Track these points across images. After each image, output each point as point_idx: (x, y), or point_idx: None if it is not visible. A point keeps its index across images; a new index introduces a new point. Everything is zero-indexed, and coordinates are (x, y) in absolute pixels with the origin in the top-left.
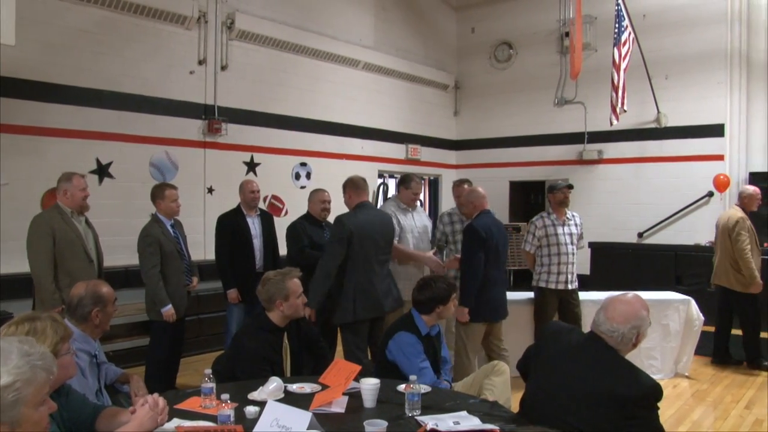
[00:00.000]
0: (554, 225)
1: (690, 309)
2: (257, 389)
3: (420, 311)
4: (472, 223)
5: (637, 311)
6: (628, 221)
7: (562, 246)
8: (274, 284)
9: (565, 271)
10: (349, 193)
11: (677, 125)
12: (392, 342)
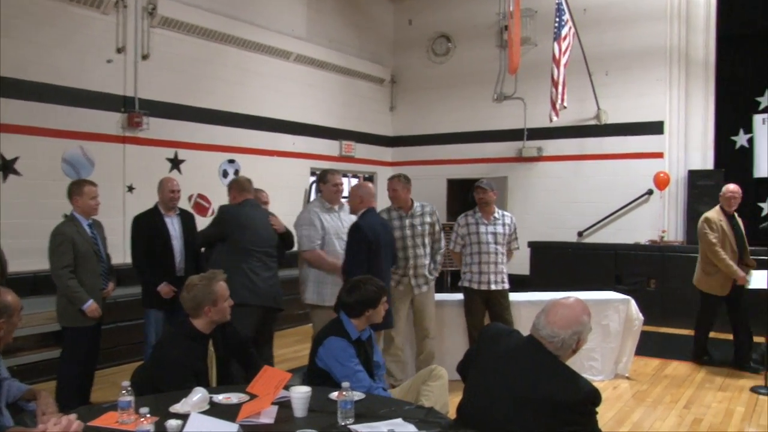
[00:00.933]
0: (477, 224)
1: (630, 309)
2: (180, 401)
3: (349, 315)
4: (359, 223)
5: (578, 316)
6: (568, 220)
7: (483, 245)
8: (201, 289)
9: (487, 271)
10: (233, 193)
11: (617, 122)
12: (322, 348)
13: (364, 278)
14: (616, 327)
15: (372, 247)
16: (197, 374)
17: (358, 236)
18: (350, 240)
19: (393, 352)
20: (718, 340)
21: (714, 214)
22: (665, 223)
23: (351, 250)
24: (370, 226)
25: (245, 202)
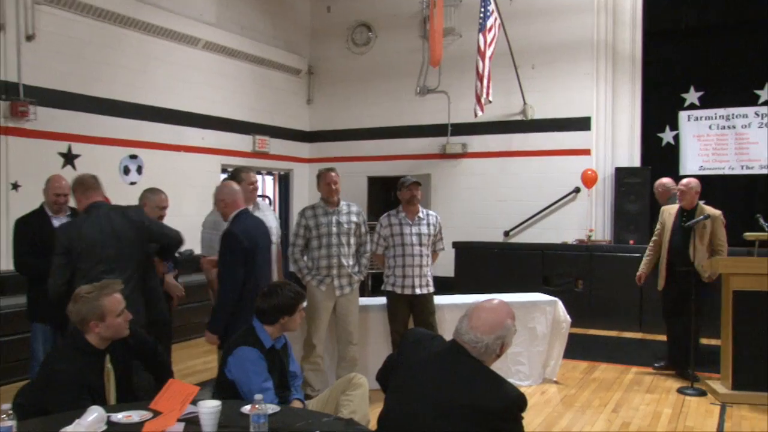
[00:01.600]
0: (401, 224)
1: (557, 310)
2: (73, 422)
3: (263, 321)
4: (231, 229)
5: (502, 320)
6: (494, 219)
7: (408, 247)
8: (87, 302)
9: (411, 274)
10: (77, 196)
11: (544, 118)
12: (232, 358)
13: (282, 283)
14: (544, 330)
15: (249, 255)
16: (92, 391)
17: (232, 244)
18: (222, 249)
19: (313, 360)
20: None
21: (669, 207)
22: (593, 222)
23: (224, 261)
24: (244, 230)
25: (91, 207)
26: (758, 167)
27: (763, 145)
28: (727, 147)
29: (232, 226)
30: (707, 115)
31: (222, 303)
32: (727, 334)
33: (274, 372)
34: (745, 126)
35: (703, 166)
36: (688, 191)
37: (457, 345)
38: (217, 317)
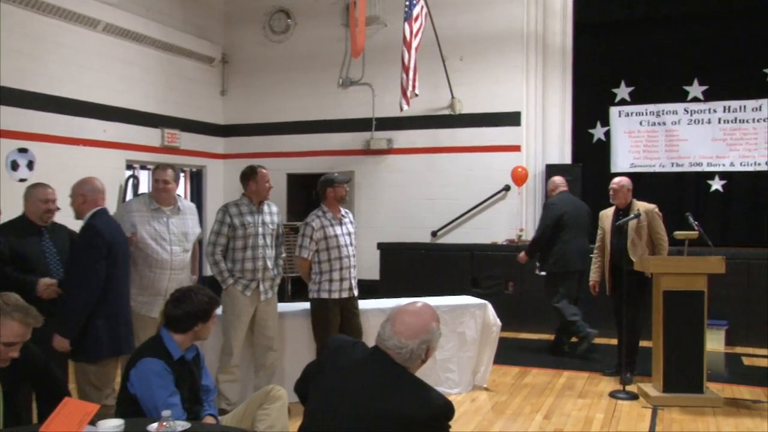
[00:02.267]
0: (332, 225)
1: (487, 314)
2: None
3: (175, 329)
4: (93, 222)
5: (426, 324)
6: (421, 218)
7: (342, 248)
8: None
9: (348, 277)
10: (88, 199)
11: (472, 112)
12: (134, 371)
13: (194, 287)
14: (473, 334)
15: (111, 251)
16: None
17: (93, 238)
18: (81, 243)
19: (230, 371)
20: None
21: (606, 210)
22: (523, 221)
23: (82, 256)
24: (107, 225)
25: (101, 212)
26: (688, 165)
27: (693, 142)
28: (658, 144)
29: (92, 219)
30: (638, 111)
31: (77, 303)
32: (658, 335)
33: (184, 385)
34: (675, 122)
35: (634, 163)
36: (619, 190)
37: (380, 351)
38: (69, 319)
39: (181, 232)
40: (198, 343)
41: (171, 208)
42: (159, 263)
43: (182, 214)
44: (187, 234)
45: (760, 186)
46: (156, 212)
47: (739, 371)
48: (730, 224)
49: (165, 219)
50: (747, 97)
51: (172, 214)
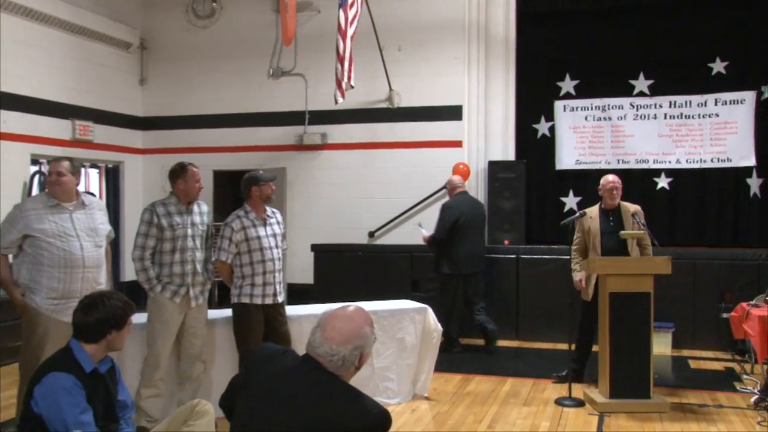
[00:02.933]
0: (255, 226)
1: (427, 319)
2: None
3: (85, 339)
4: None
5: (359, 329)
6: (358, 218)
7: (267, 251)
8: None
9: (272, 281)
10: None
11: (412, 105)
12: (39, 388)
13: (105, 292)
14: (413, 341)
15: None
16: None
17: None
18: None
19: (155, 384)
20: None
21: (590, 210)
22: None
23: None
24: None
25: None
26: (634, 162)
27: (639, 138)
28: (604, 140)
29: None
30: (583, 106)
31: None
32: (605, 339)
33: (97, 402)
34: (621, 118)
35: (580, 159)
36: (620, 188)
37: (311, 359)
38: None
39: (88, 227)
40: (114, 355)
41: (74, 203)
42: (68, 261)
43: (88, 209)
44: (96, 229)
45: (705, 184)
46: (55, 208)
47: (685, 375)
48: (676, 223)
49: (68, 215)
50: (692, 92)
51: (76, 209)
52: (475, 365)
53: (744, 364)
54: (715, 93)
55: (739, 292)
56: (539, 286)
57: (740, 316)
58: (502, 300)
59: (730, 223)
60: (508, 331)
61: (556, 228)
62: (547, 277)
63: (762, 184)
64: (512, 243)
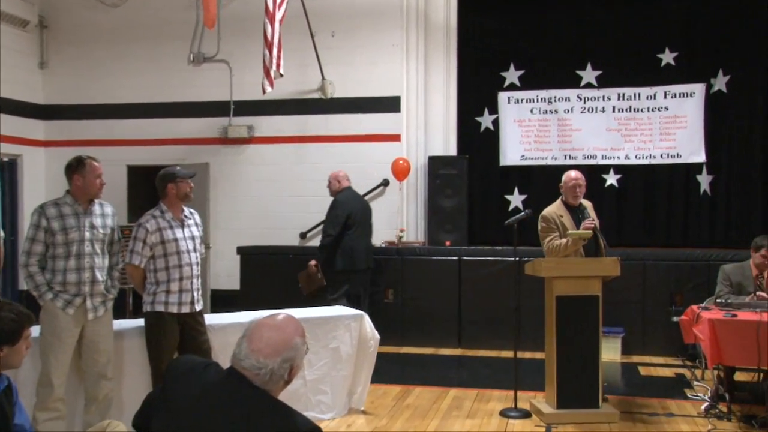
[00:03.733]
0: (172, 227)
1: (363, 326)
2: None
3: None
4: None
5: (289, 339)
6: (289, 218)
7: (184, 255)
8: None
9: (189, 287)
10: None
11: (346, 96)
12: None
13: (1, 302)
14: (348, 350)
15: None
16: None
17: None
18: None
19: (52, 406)
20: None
21: (552, 209)
22: (404, 221)
23: None
24: None
25: None
26: (582, 157)
27: (587, 133)
28: (550, 134)
29: None
30: (528, 97)
31: None
32: (551, 345)
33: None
34: (567, 110)
35: (525, 155)
36: (584, 185)
37: (236, 373)
38: None
39: None
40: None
41: None
42: None
43: None
44: None
45: (655, 181)
46: None
47: (635, 382)
48: (624, 222)
49: None
50: (641, 84)
51: None
52: (415, 376)
53: (694, 369)
54: (664, 85)
55: (690, 294)
56: (483, 290)
57: (690, 320)
58: (443, 305)
59: (680, 222)
60: (449, 339)
61: (500, 228)
62: (491, 281)
63: (712, 181)
64: (454, 244)
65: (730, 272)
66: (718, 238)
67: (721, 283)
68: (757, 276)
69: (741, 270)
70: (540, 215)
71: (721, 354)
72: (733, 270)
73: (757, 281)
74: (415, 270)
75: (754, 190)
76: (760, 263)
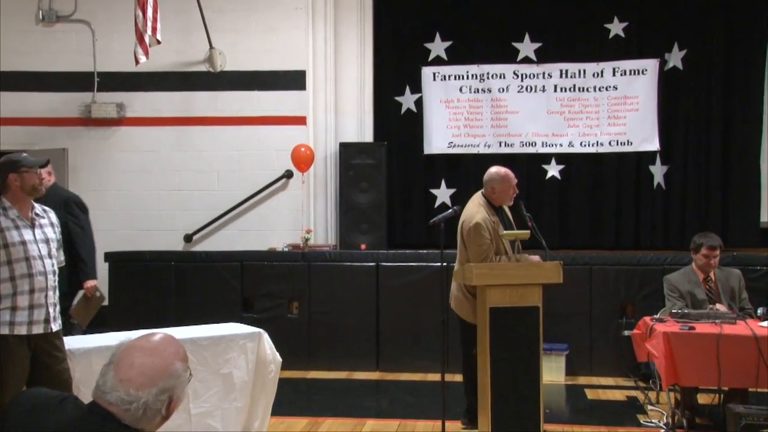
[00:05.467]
0: (18, 227)
1: (262, 347)
2: None
3: None
4: None
5: (167, 365)
6: (169, 217)
7: (35, 262)
8: None
9: (43, 302)
10: None
11: (239, 70)
12: None
13: None
14: (243, 376)
15: None
16: None
17: None
18: None
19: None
20: None
21: (484, 215)
22: (311, 220)
23: None
24: None
25: None
26: (519, 145)
27: (525, 116)
28: (482, 117)
29: None
30: (457, 74)
31: None
32: (485, 366)
33: None
34: (502, 89)
35: (454, 142)
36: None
37: (100, 409)
38: None
39: None
40: None
41: None
42: None
43: None
44: None
45: (602, 173)
46: None
47: (582, 407)
48: (569, 220)
49: None
50: (586, 59)
51: None
52: (325, 405)
53: (648, 392)
54: (612, 60)
55: (643, 304)
56: (405, 302)
57: (643, 333)
58: (358, 320)
59: (631, 220)
60: (366, 361)
61: (424, 228)
62: (415, 290)
63: (667, 172)
64: (370, 247)
65: (675, 282)
66: (674, 239)
67: (669, 295)
68: (705, 280)
69: (686, 277)
70: (472, 223)
71: (677, 373)
72: (679, 278)
73: (707, 285)
74: (324, 278)
75: (714, 183)
76: (704, 264)
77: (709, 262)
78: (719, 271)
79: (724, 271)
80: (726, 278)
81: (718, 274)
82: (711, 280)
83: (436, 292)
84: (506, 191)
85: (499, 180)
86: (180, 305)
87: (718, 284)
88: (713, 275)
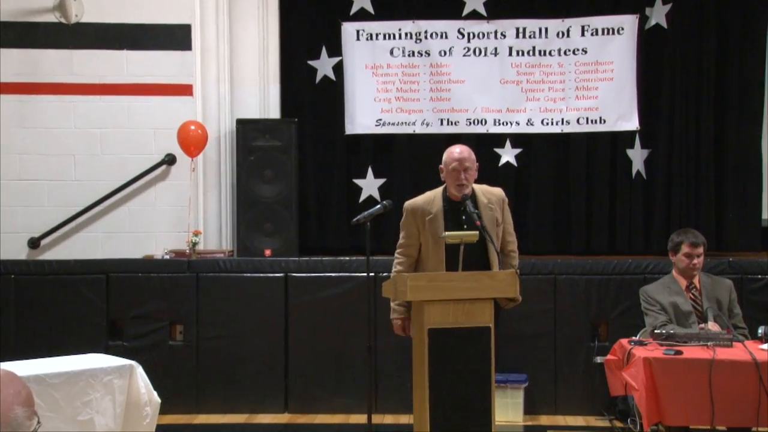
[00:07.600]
0: None
1: (134, 385)
2: None
3: None
4: None
5: (4, 411)
6: (11, 217)
7: None
8: None
9: None
10: None
11: (102, 22)
12: None
13: None
14: (110, 423)
15: None
16: None
17: None
18: None
19: None
20: None
21: (422, 200)
22: (199, 219)
23: None
24: None
25: None
26: (466, 122)
27: (472, 86)
28: (419, 87)
29: None
30: (387, 32)
31: None
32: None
33: None
34: (444, 53)
35: (383, 119)
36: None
37: None
38: None
39: None
40: None
41: None
42: None
43: None
44: None
45: (568, 158)
46: None
47: None
48: (527, 218)
49: None
50: (549, 14)
51: None
52: None
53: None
54: (581, 17)
55: (618, 322)
56: (321, 323)
57: (619, 360)
58: (261, 348)
59: (605, 219)
60: (271, 399)
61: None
62: (333, 308)
63: (648, 158)
64: (277, 254)
65: (653, 293)
66: (657, 241)
67: (648, 309)
68: (689, 287)
69: (666, 287)
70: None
71: (661, 409)
72: (658, 289)
73: (691, 293)
74: (217, 294)
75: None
76: (686, 266)
77: (692, 262)
78: (705, 276)
79: (712, 279)
80: (713, 286)
81: (704, 280)
82: (695, 287)
83: (362, 311)
84: (447, 175)
85: (443, 160)
86: (23, 331)
87: (703, 291)
88: (697, 281)
